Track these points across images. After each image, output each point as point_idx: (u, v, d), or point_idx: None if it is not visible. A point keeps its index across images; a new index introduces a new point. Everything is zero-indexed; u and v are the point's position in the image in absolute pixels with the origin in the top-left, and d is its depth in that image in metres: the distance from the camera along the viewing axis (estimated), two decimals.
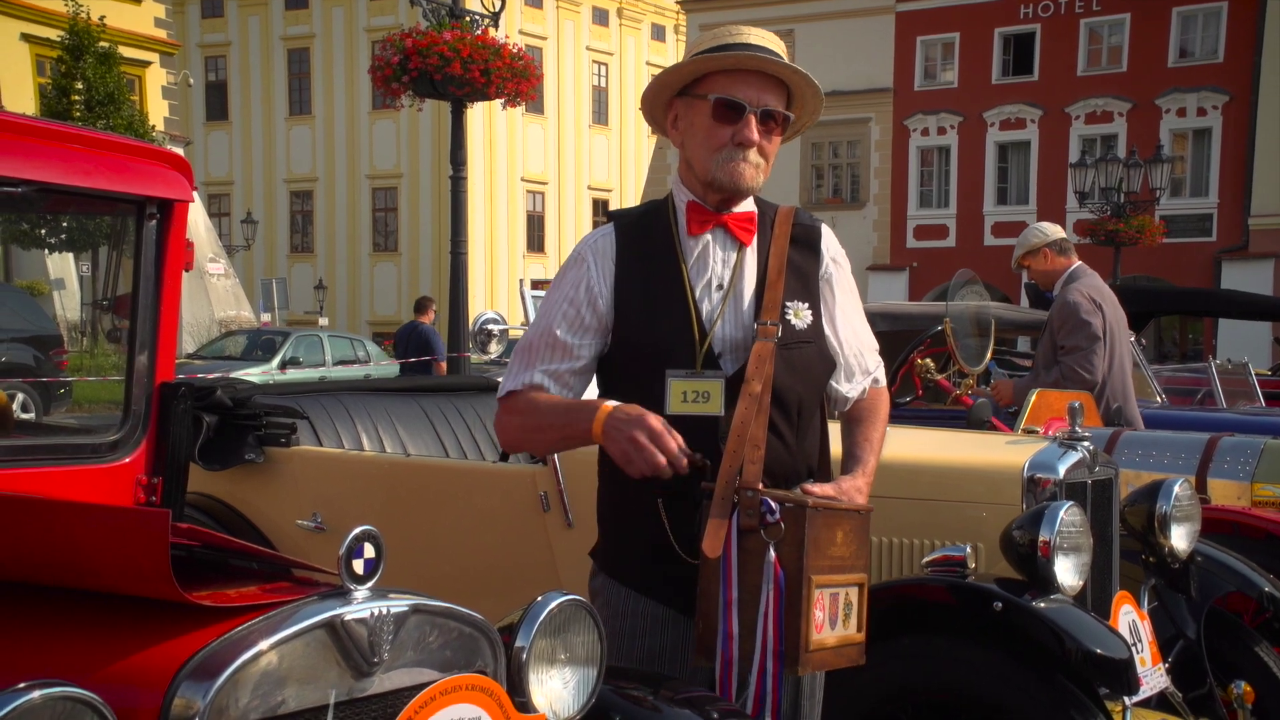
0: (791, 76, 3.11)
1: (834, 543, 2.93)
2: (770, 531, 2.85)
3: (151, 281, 3.17)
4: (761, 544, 2.85)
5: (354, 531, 2.02)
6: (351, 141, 53.95)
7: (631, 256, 3.13)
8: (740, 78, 3.07)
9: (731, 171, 3.06)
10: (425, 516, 4.94)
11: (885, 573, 4.12)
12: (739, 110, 3.05)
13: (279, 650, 1.90)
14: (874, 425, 3.30)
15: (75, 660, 1.83)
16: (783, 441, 3.06)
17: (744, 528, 2.86)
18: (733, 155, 3.05)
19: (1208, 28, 38.04)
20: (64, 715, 1.69)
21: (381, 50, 15.58)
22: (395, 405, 5.90)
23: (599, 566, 3.22)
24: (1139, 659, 3.86)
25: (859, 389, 3.29)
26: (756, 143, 3.06)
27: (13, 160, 2.91)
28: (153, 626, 1.90)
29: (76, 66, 29.22)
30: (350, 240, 54.51)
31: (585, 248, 3.18)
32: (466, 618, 2.18)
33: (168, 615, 1.91)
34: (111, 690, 1.75)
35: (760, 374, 2.99)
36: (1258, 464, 6.43)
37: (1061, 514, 3.74)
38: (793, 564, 2.84)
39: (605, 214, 3.33)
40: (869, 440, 3.26)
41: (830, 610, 2.92)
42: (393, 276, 53.71)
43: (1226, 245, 37.32)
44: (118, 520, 2.04)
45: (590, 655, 2.39)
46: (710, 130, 3.08)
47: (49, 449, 3.24)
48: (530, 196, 54.32)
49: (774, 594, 2.83)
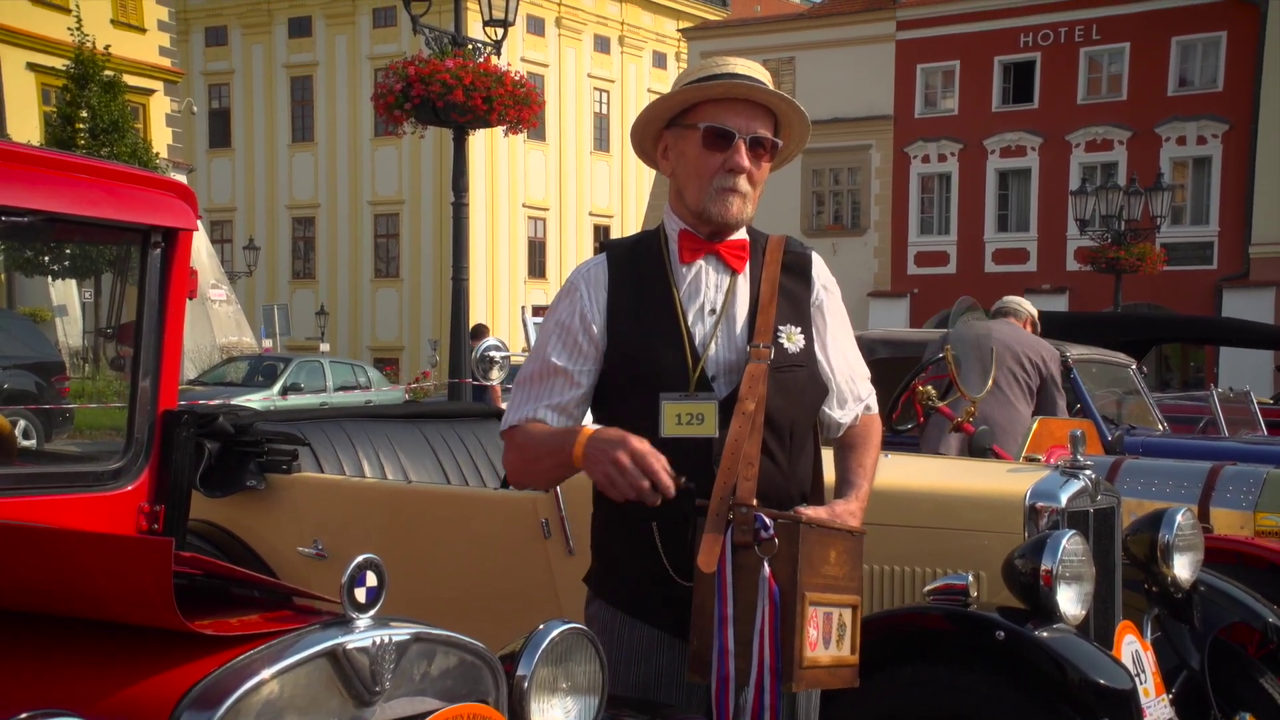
0: (779, 104, 3.13)
1: (827, 561, 2.95)
2: (764, 547, 2.86)
3: (155, 309, 3.18)
4: (755, 560, 2.86)
5: (356, 560, 2.01)
6: (354, 168, 54.06)
7: (623, 284, 3.15)
8: (729, 106, 3.10)
9: (722, 207, 3.09)
10: (426, 543, 4.93)
11: (887, 601, 4.12)
12: (729, 138, 3.07)
13: (281, 679, 1.90)
14: (867, 451, 3.31)
15: (78, 689, 1.83)
16: (775, 464, 3.07)
17: (738, 543, 2.88)
18: (724, 183, 3.08)
19: (1207, 57, 38.10)
20: None
21: (384, 78, 15.65)
22: (396, 432, 5.89)
23: (594, 592, 3.23)
24: (1142, 689, 3.86)
25: (851, 415, 3.31)
26: (747, 169, 3.08)
27: (20, 190, 2.92)
28: (155, 655, 1.90)
29: (81, 95, 29.45)
30: (352, 266, 54.58)
31: (578, 277, 3.21)
32: (468, 646, 2.18)
33: (170, 644, 1.91)
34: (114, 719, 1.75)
35: (754, 394, 3.01)
36: (1260, 493, 6.43)
37: (1064, 543, 3.74)
38: (786, 579, 2.86)
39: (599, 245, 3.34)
40: (862, 466, 3.28)
41: (824, 629, 2.93)
42: (394, 302, 53.75)
43: (1227, 273, 37.30)
44: (120, 549, 2.04)
45: (592, 684, 2.39)
46: (701, 158, 3.10)
47: (51, 477, 3.24)
48: (532, 223, 54.40)
49: (769, 609, 2.84)
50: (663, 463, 2.85)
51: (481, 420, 6.29)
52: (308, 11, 54.45)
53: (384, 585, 2.04)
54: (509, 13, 15.40)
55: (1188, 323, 18.79)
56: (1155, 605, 4.50)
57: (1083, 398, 7.82)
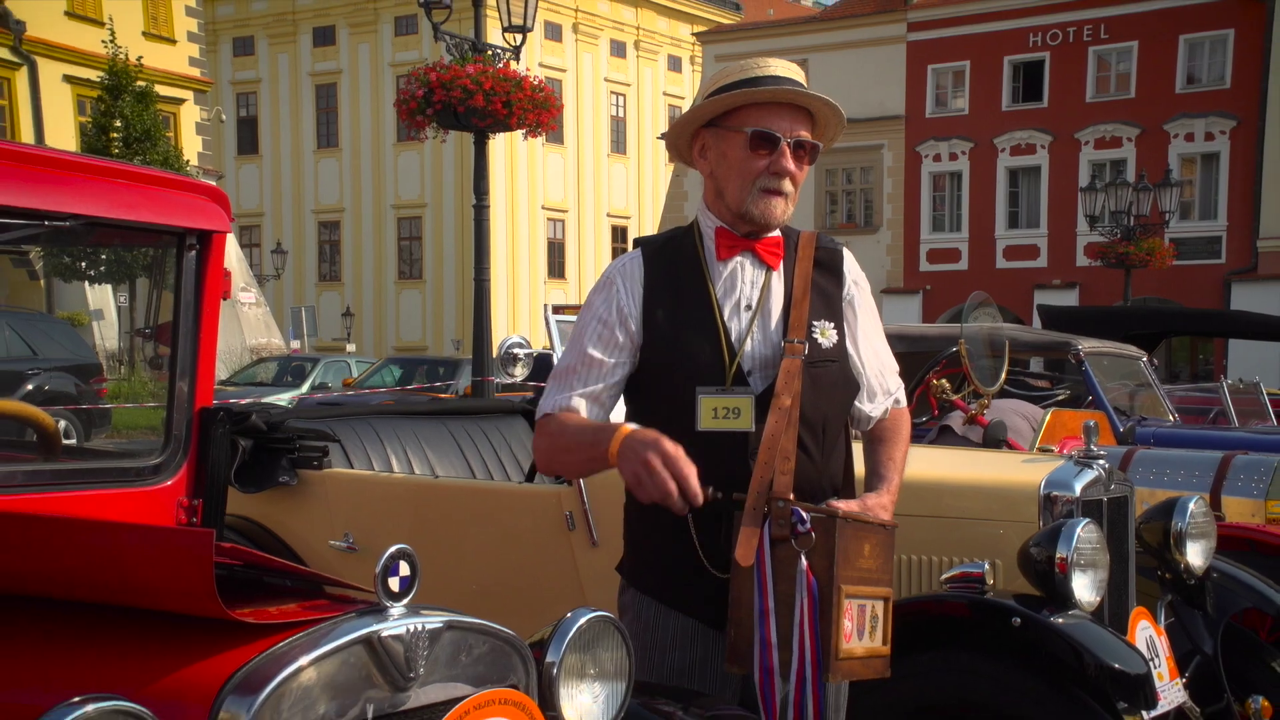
0: (821, 107, 3.14)
1: (861, 555, 2.94)
2: (801, 541, 2.86)
3: (191, 310, 3.19)
4: (793, 553, 2.86)
5: (390, 550, 2.02)
6: (377, 173, 54.14)
7: (659, 280, 3.14)
8: (773, 110, 3.10)
9: (765, 208, 3.09)
10: (453, 536, 4.94)
11: (905, 589, 4.11)
12: (774, 141, 3.07)
13: (318, 666, 1.91)
14: (896, 444, 3.30)
15: (125, 675, 1.84)
16: (809, 458, 3.06)
17: (775, 538, 2.87)
18: (768, 184, 3.08)
19: (1214, 54, 37.89)
20: None
21: (406, 84, 15.67)
22: (423, 428, 5.90)
23: (627, 582, 3.22)
24: (1156, 674, 3.84)
25: (881, 409, 3.30)
26: (791, 171, 3.09)
27: (60, 195, 2.93)
28: (198, 642, 1.91)
29: (115, 105, 29.77)
30: (376, 269, 54.67)
31: (614, 272, 3.20)
32: (498, 633, 2.18)
33: (212, 632, 1.92)
34: (159, 704, 1.76)
35: (789, 389, 3.01)
36: (1271, 482, 6.42)
37: (1078, 531, 3.74)
38: (824, 573, 2.85)
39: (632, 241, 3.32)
40: (892, 459, 3.27)
41: (858, 621, 2.92)
42: (418, 303, 53.83)
43: (1236, 267, 37.12)
44: (164, 540, 2.06)
45: (619, 670, 2.39)
46: (746, 160, 3.09)
47: (94, 473, 3.25)
48: (551, 224, 54.40)
49: (808, 603, 2.84)
50: (694, 470, 2.83)
51: (505, 416, 6.30)
52: (331, 21, 54.54)
53: (416, 575, 2.05)
54: (527, 19, 15.41)
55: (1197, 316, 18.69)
56: (1169, 591, 4.49)
57: (1094, 390, 7.80)
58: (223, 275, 3.23)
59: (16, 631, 2.04)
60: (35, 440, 3.41)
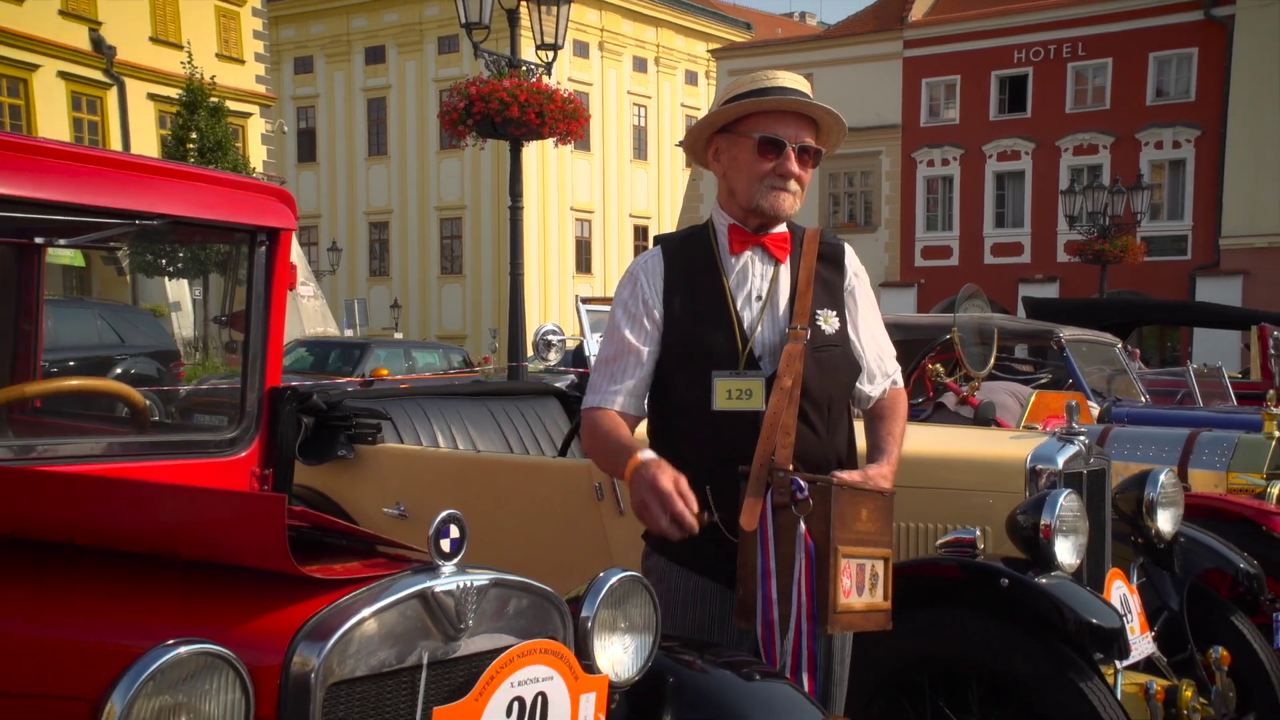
0: (823, 116, 3.15)
1: (859, 519, 2.95)
2: (800, 507, 2.87)
3: (262, 299, 3.20)
4: (793, 519, 2.88)
5: (442, 515, 2.03)
6: (422, 178, 54.18)
7: (678, 274, 3.15)
8: (779, 117, 3.11)
9: (774, 201, 3.10)
10: (493, 505, 4.95)
11: (904, 553, 4.11)
12: (780, 146, 3.08)
13: (379, 617, 1.92)
14: (894, 421, 3.32)
15: (209, 623, 1.85)
16: (815, 433, 3.07)
17: (777, 504, 2.89)
18: (774, 184, 3.08)
19: (1181, 70, 37.76)
20: (204, 668, 1.73)
21: (449, 97, 15.65)
22: (466, 408, 5.92)
23: (651, 547, 3.22)
24: (1129, 628, 3.85)
25: (880, 389, 3.31)
26: (797, 174, 3.09)
27: (149, 197, 2.96)
28: (272, 595, 1.93)
29: (191, 119, 30.13)
30: (421, 264, 54.72)
31: (637, 268, 3.21)
32: (539, 590, 2.19)
33: (284, 586, 1.93)
34: (240, 648, 1.78)
35: (791, 371, 3.02)
36: (1232, 456, 6.41)
37: (1061, 500, 3.74)
38: (821, 535, 2.87)
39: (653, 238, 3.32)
40: (891, 434, 3.29)
41: (857, 579, 2.93)
42: (458, 296, 53.88)
43: (1200, 263, 37.01)
44: (241, 503, 2.07)
45: (646, 624, 2.39)
46: (754, 163, 3.11)
47: (179, 445, 3.27)
48: (578, 224, 54.37)
49: (805, 562, 2.86)
50: (689, 501, 2.85)
51: (540, 397, 6.30)
52: (381, 41, 54.58)
53: (465, 537, 2.05)
54: (558, 37, 15.37)
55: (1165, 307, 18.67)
56: (1140, 555, 4.51)
57: (1074, 373, 7.79)
58: (289, 268, 3.24)
59: (115, 582, 2.06)
60: (128, 416, 3.43)
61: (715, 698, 2.52)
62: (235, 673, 1.75)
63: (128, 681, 1.66)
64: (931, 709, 3.87)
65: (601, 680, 2.19)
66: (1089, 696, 3.56)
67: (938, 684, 3.87)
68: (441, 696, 1.98)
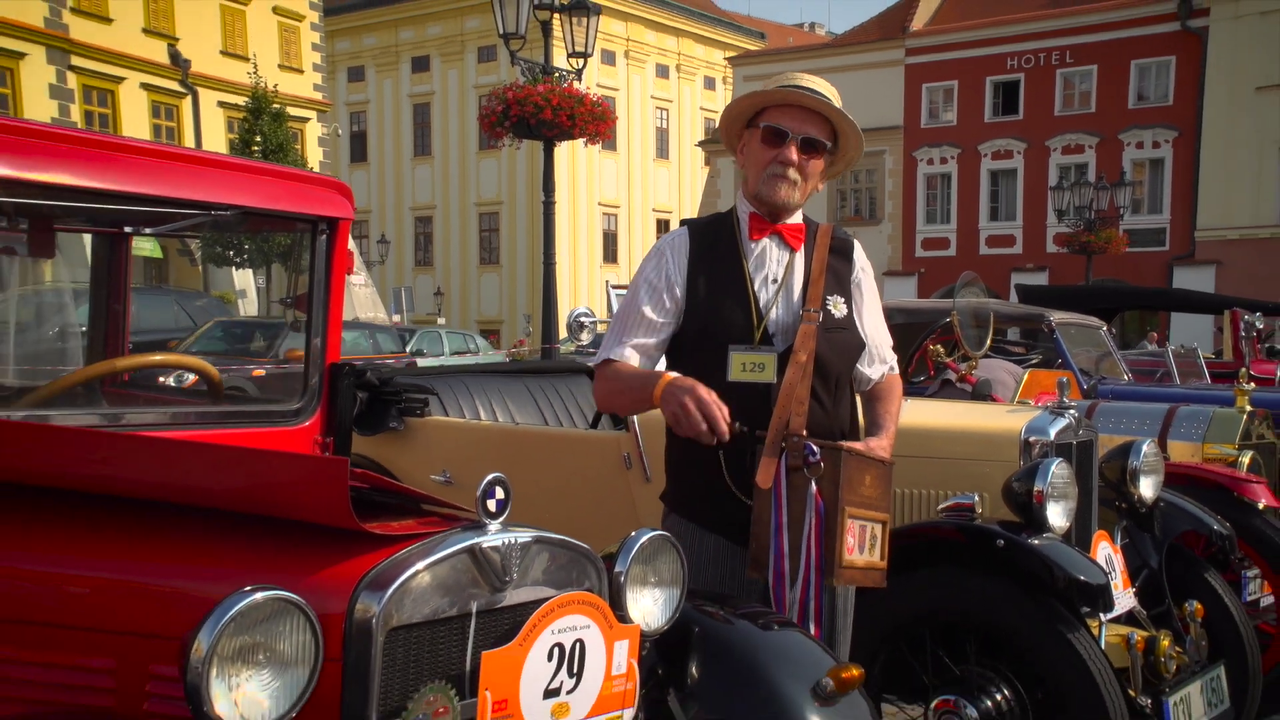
0: (829, 112, 3.11)
1: (863, 484, 2.96)
2: (812, 470, 2.88)
3: (323, 283, 3.21)
4: (804, 480, 2.89)
5: (489, 478, 2.03)
6: (463, 176, 54.21)
7: (701, 253, 3.14)
8: (788, 111, 3.10)
9: (772, 188, 3.09)
10: (530, 473, 4.95)
11: (908, 517, 4.12)
12: (782, 136, 3.07)
13: (432, 570, 1.93)
14: (891, 401, 3.31)
15: (281, 572, 1.86)
16: (822, 405, 3.08)
17: (790, 467, 2.90)
18: (775, 172, 3.07)
19: (1160, 76, 37.59)
20: (278, 612, 1.75)
21: (488, 102, 15.67)
22: (505, 384, 5.92)
23: (669, 508, 3.23)
24: (1113, 584, 3.84)
25: (879, 373, 3.31)
26: (795, 162, 3.07)
27: (223, 190, 2.98)
28: (336, 548, 1.94)
29: (256, 124, 30.73)
30: (462, 255, 54.78)
31: (665, 244, 3.19)
32: (577, 547, 2.19)
33: (347, 540, 1.94)
34: (310, 595, 1.80)
35: (805, 348, 3.02)
36: (1208, 428, 6.40)
37: (1053, 468, 3.74)
38: (830, 496, 2.88)
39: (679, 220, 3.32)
40: (888, 412, 3.28)
41: (859, 538, 2.94)
42: (495, 284, 53.95)
43: (1177, 253, 36.86)
44: (308, 465, 2.09)
45: (674, 578, 2.39)
46: (760, 152, 3.11)
47: (250, 414, 3.30)
48: (605, 217, 54.33)
49: (815, 520, 2.86)
50: (723, 411, 2.84)
51: (571, 375, 6.30)
52: (426, 52, 54.62)
53: (509, 498, 2.05)
54: (588, 46, 15.37)
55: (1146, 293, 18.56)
56: (1124, 518, 4.52)
57: (1063, 354, 7.75)
58: (347, 254, 3.25)
59: (198, 535, 2.08)
60: (205, 389, 3.46)
61: (736, 646, 2.53)
62: (305, 617, 1.77)
63: (212, 622, 1.69)
64: (932, 659, 3.87)
65: (634, 629, 2.20)
66: (1076, 646, 3.57)
67: (938, 636, 3.87)
68: (489, 642, 1.99)
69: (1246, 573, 5.17)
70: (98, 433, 2.46)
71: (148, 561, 2.05)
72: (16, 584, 2.07)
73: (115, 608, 1.99)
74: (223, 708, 1.70)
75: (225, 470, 2.03)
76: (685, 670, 2.45)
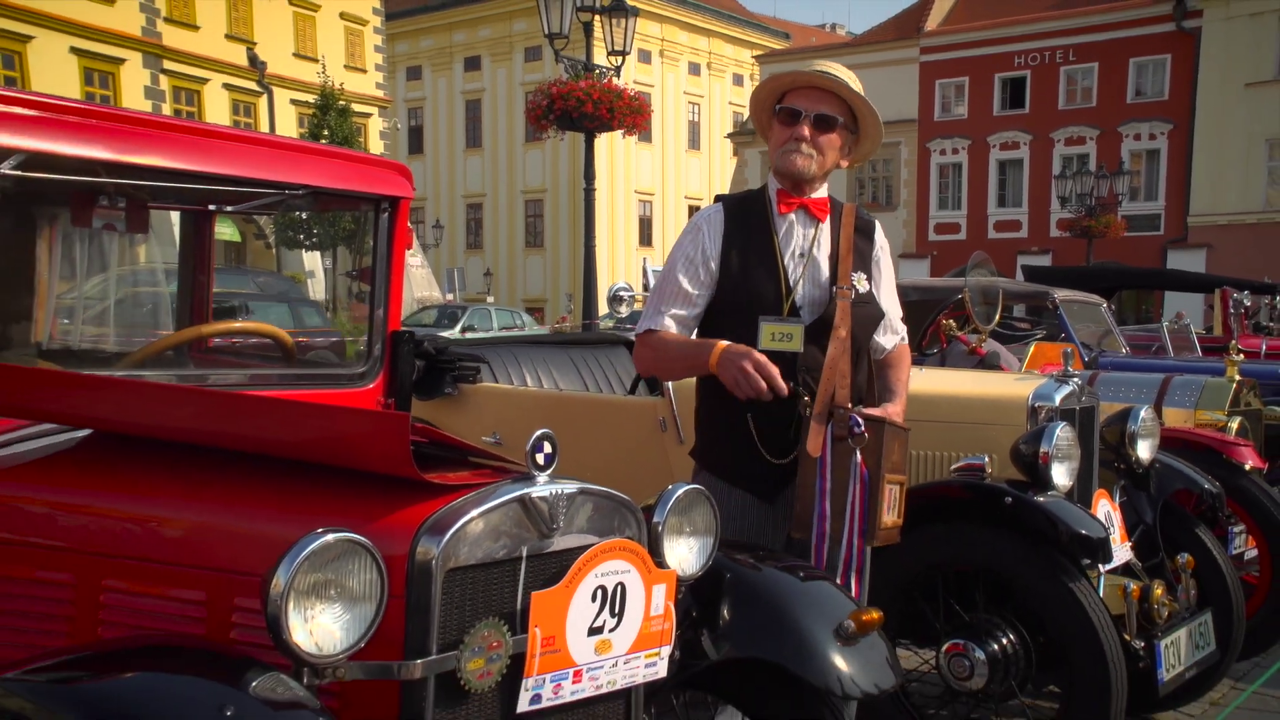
0: (842, 90, 3.07)
1: (894, 451, 2.96)
2: (856, 440, 2.87)
3: (385, 257, 3.22)
4: (848, 449, 2.87)
5: (537, 433, 2.03)
6: (510, 166, 54.24)
7: (735, 228, 3.12)
8: (804, 92, 3.08)
9: (788, 161, 3.07)
10: (573, 435, 4.93)
11: (924, 476, 4.11)
12: (796, 115, 3.05)
13: (486, 517, 1.93)
14: (902, 369, 3.30)
15: (349, 517, 1.87)
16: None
17: (836, 436, 2.88)
18: (789, 148, 3.06)
19: (1156, 73, 37.31)
20: (347, 552, 1.76)
21: (533, 97, 15.65)
22: (549, 354, 5.92)
23: (700, 465, 3.21)
24: (1112, 538, 3.83)
25: (892, 343, 3.30)
26: (807, 137, 3.04)
27: (296, 171, 3.00)
28: (399, 496, 1.94)
29: (323, 119, 31.23)
30: (509, 239, 54.87)
31: (701, 219, 3.17)
32: (618, 499, 2.19)
33: (409, 489, 1.94)
34: (375, 538, 1.80)
35: (845, 324, 3.01)
36: (1200, 396, 6.38)
37: (1057, 432, 3.73)
38: (873, 465, 2.88)
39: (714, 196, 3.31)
40: (900, 380, 3.27)
41: (888, 500, 2.93)
42: (540, 265, 54.02)
43: (1171, 237, 36.64)
44: (374, 420, 2.09)
45: (708, 528, 2.38)
46: (779, 131, 3.10)
47: (320, 377, 3.33)
48: (641, 204, 54.25)
49: (859, 488, 2.86)
50: (777, 370, 2.86)
51: (611, 346, 6.29)
52: (478, 53, 54.64)
53: (556, 453, 2.05)
54: (626, 45, 15.33)
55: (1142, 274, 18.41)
56: (1122, 478, 4.49)
57: (1066, 328, 7.71)
58: (407, 230, 3.26)
59: (274, 483, 2.10)
60: (280, 354, 3.49)
61: (764, 591, 2.52)
62: (371, 557, 1.78)
63: (288, 560, 1.70)
64: (944, 607, 3.86)
65: (670, 574, 2.19)
66: (1077, 594, 3.57)
67: (949, 586, 3.87)
68: (538, 583, 1.99)
69: (1233, 528, 5.17)
70: (189, 389, 2.50)
71: (233, 506, 2.07)
72: (122, 525, 2.11)
73: (205, 547, 2.02)
74: (299, 637, 1.72)
75: (300, 424, 2.04)
76: (717, 612, 2.45)
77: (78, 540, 2.13)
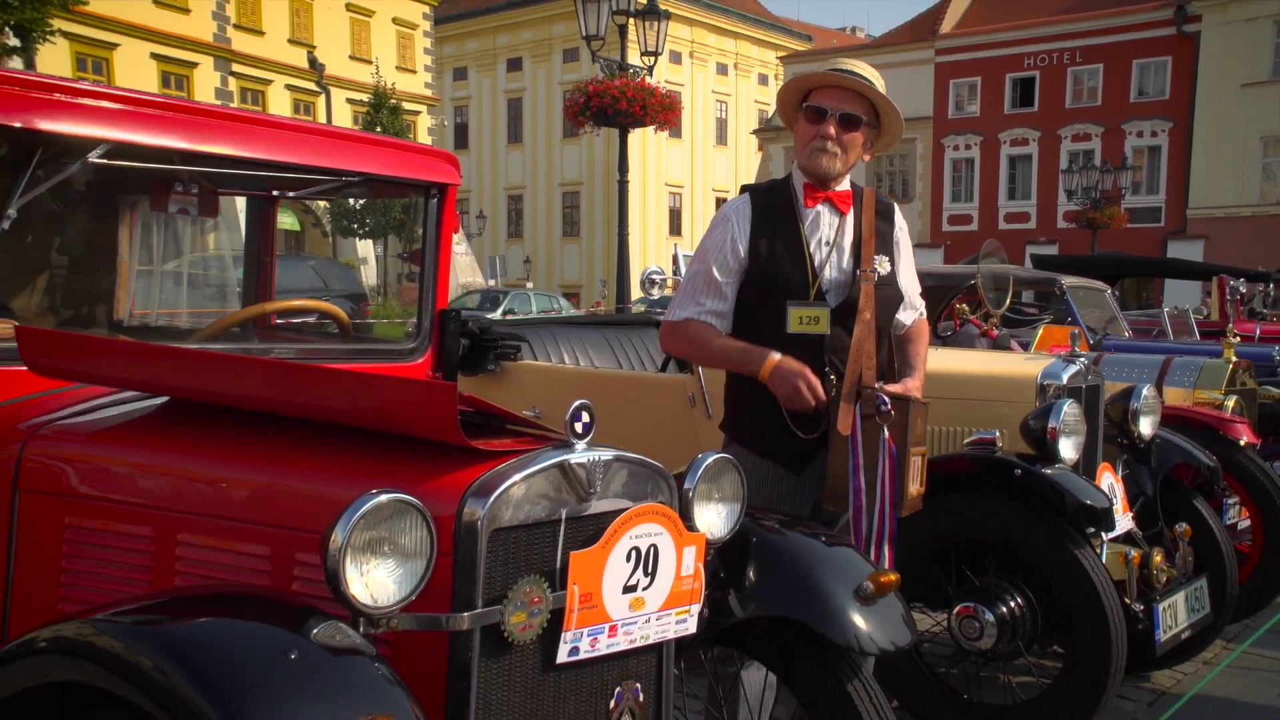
0: (865, 90, 3.02)
1: (917, 426, 2.94)
2: (884, 417, 2.86)
3: (434, 240, 3.21)
4: (877, 427, 2.86)
5: (576, 403, 2.02)
6: (549, 160, 54.28)
7: (762, 218, 3.08)
8: (830, 91, 3.03)
9: (814, 160, 3.02)
10: (608, 410, 4.88)
11: (938, 449, 4.08)
12: (822, 114, 3.00)
13: (528, 481, 1.92)
14: (920, 344, 3.26)
15: (400, 479, 1.87)
16: None
17: (864, 415, 2.88)
18: (817, 146, 3.00)
19: (1158, 74, 37.05)
20: (399, 512, 1.76)
21: (571, 95, 15.65)
22: (585, 334, 5.93)
23: (729, 437, 3.19)
24: (1115, 508, 3.82)
25: (911, 319, 3.26)
26: (833, 135, 3.00)
27: (352, 159, 3.00)
28: (447, 461, 1.94)
29: (376, 117, 31.47)
30: (547, 228, 54.94)
31: (729, 210, 3.12)
32: (652, 466, 2.18)
33: (456, 454, 1.94)
34: (425, 499, 1.80)
35: (869, 307, 2.99)
36: (1199, 376, 6.37)
37: (1065, 408, 3.71)
38: (900, 441, 2.88)
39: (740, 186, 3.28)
40: (918, 354, 3.23)
41: (913, 472, 2.93)
42: (576, 254, 54.08)
43: (1171, 228, 36.45)
44: (423, 389, 2.09)
45: (735, 495, 2.36)
46: (805, 129, 3.05)
47: (373, 352, 3.34)
48: (671, 196, 54.17)
49: (888, 462, 2.86)
50: (820, 385, 2.89)
51: (643, 327, 6.28)
52: (520, 54, 54.69)
53: (594, 422, 2.04)
54: (658, 46, 15.29)
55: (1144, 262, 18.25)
56: (1125, 452, 4.48)
57: (1073, 313, 7.66)
58: (454, 215, 3.26)
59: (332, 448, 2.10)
60: (336, 330, 3.50)
61: (788, 554, 2.50)
62: (422, 516, 1.78)
63: (346, 518, 1.71)
64: (955, 572, 3.85)
65: (700, 537, 2.18)
66: (1081, 560, 3.55)
67: (961, 553, 3.85)
68: (577, 544, 1.98)
69: (1228, 500, 5.16)
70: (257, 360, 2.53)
71: (294, 468, 2.08)
72: (195, 485, 2.14)
73: (270, 506, 2.03)
74: (356, 589, 1.73)
75: (356, 393, 2.04)
76: (744, 573, 2.44)
77: (156, 498, 2.16)
